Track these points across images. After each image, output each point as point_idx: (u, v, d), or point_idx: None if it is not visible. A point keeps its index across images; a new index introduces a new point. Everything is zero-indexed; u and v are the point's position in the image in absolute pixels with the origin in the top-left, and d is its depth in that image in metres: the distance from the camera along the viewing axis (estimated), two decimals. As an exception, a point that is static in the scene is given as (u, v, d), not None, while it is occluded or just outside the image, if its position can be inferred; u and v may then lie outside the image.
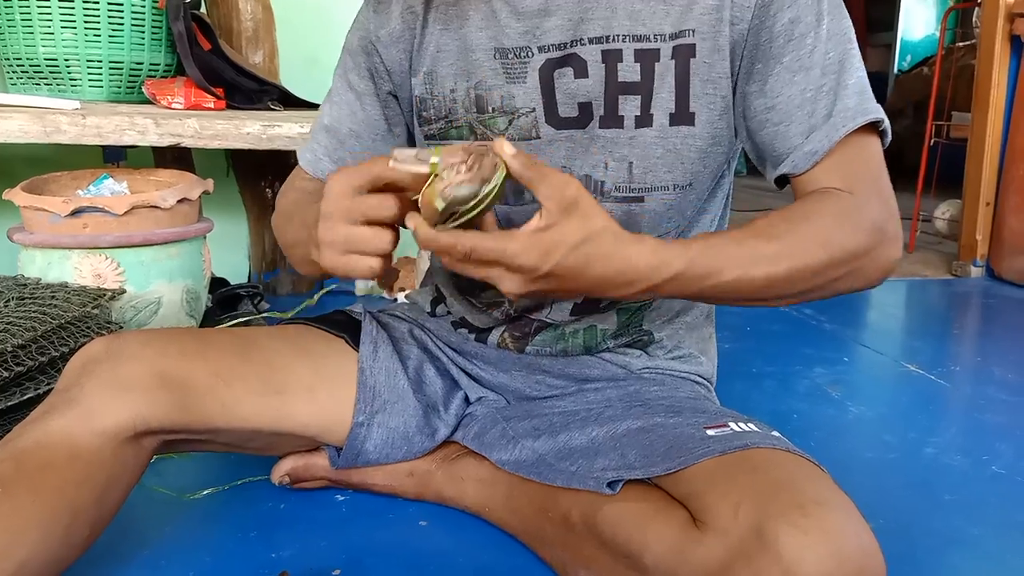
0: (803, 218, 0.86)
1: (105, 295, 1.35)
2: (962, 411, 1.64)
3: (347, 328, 1.11)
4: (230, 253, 2.21)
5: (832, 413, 1.54)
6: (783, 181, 0.94)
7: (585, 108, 0.94)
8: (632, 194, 0.96)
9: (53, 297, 1.32)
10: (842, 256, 0.85)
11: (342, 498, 1.14)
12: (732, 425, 0.92)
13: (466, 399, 1.14)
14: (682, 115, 0.92)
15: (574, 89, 0.94)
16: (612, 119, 0.93)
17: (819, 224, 0.85)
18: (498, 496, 1.07)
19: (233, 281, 2.04)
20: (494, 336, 1.09)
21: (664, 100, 0.92)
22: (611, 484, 0.90)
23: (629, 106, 0.93)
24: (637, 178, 0.95)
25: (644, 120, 0.93)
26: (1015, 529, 1.14)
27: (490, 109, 0.97)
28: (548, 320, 1.05)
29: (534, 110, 0.95)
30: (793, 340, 2.01)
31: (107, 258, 1.47)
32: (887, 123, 0.92)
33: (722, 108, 0.93)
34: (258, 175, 2.19)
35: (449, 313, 1.15)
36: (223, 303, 1.88)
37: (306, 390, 1.02)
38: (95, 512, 0.87)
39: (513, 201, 0.99)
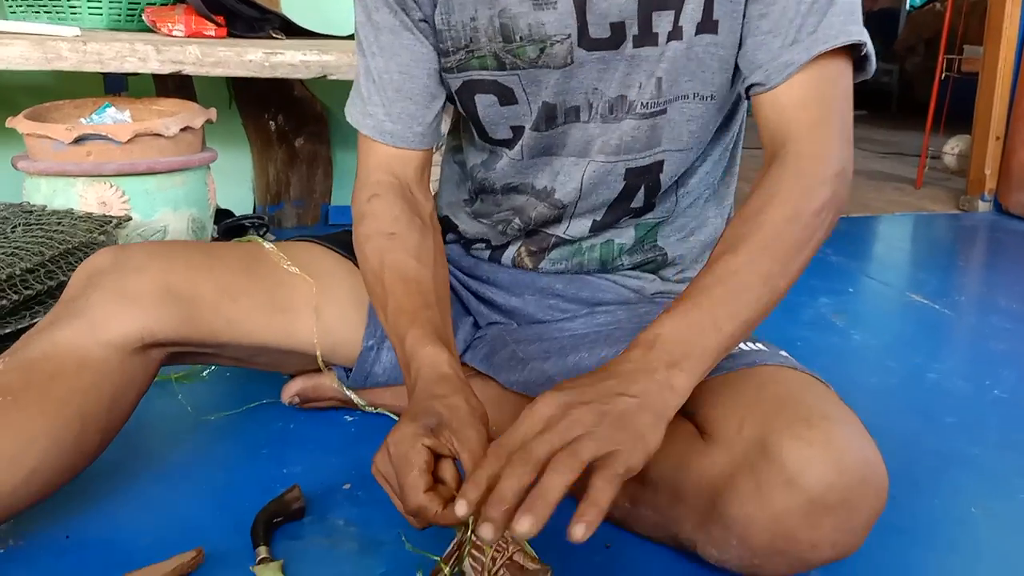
0: (757, 229, 0.81)
1: (111, 222, 1.35)
2: (966, 339, 1.65)
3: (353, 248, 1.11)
4: (234, 185, 2.20)
5: (836, 341, 1.55)
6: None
7: (618, 28, 0.91)
8: (657, 108, 0.95)
9: (59, 223, 1.33)
10: (812, 227, 0.82)
11: (351, 418, 1.16)
12: (741, 344, 0.92)
13: (475, 325, 1.15)
14: (707, 23, 0.90)
15: (606, 9, 0.90)
16: (646, 37, 0.91)
17: (777, 223, 0.80)
18: (506, 417, 1.08)
19: (238, 213, 2.04)
20: (509, 253, 1.09)
21: (692, 11, 0.89)
22: None
23: (663, 22, 0.90)
24: (664, 91, 0.94)
25: (675, 34, 0.90)
26: (1014, 449, 1.15)
27: (517, 38, 0.92)
28: (566, 236, 1.05)
29: (568, 36, 0.91)
30: (798, 272, 2.01)
31: (112, 186, 1.47)
32: (870, 48, 0.88)
33: (739, 17, 0.91)
34: (261, 107, 2.17)
35: (460, 239, 1.14)
36: (228, 234, 1.88)
37: (313, 309, 1.03)
38: (104, 421, 0.88)
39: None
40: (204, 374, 1.26)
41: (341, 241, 1.13)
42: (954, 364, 1.47)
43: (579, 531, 0.60)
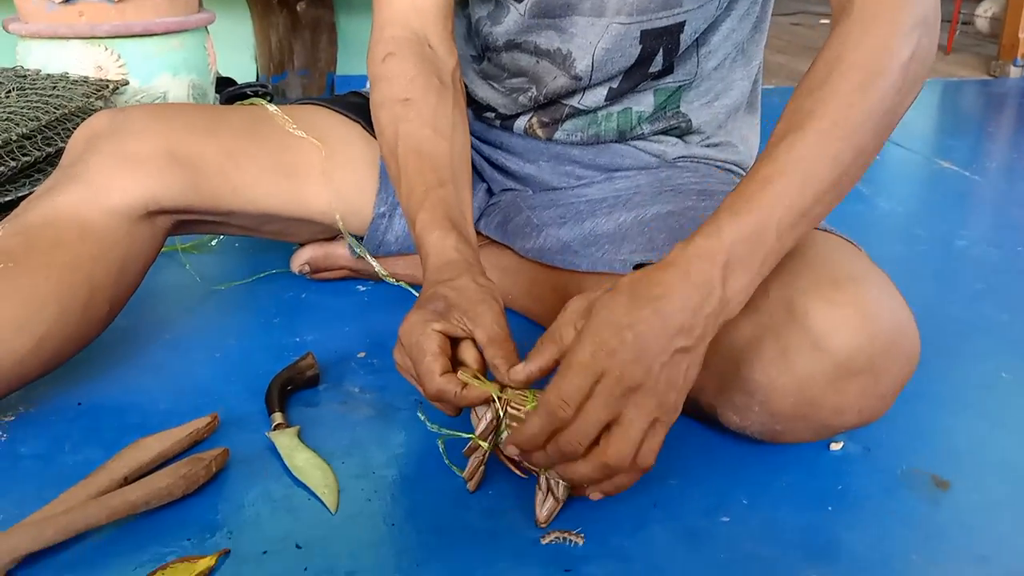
0: (829, 84, 0.69)
1: (108, 86, 1.30)
2: (996, 205, 1.60)
3: (364, 112, 1.06)
4: (235, 53, 2.12)
5: (861, 209, 1.50)
6: None
7: None
8: None
9: (54, 88, 1.27)
10: (892, 92, 0.69)
11: (363, 288, 1.13)
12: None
13: (489, 191, 1.10)
14: None
15: None
16: None
17: (847, 93, 0.68)
18: (521, 284, 1.05)
19: (240, 82, 1.97)
20: (520, 123, 1.03)
21: None
22: (637, 267, 0.88)
23: None
24: None
25: None
26: (1045, 315, 1.12)
27: None
28: (580, 106, 0.99)
29: None
30: (822, 139, 1.94)
31: (107, 49, 1.40)
32: None
33: None
34: (260, -33, 2.06)
35: (470, 102, 1.09)
36: (231, 102, 1.82)
37: (321, 174, 0.98)
38: (112, 290, 0.86)
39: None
40: (212, 243, 1.24)
41: (349, 103, 1.08)
42: (983, 231, 1.42)
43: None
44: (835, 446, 0.83)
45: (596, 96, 0.97)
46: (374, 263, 1.06)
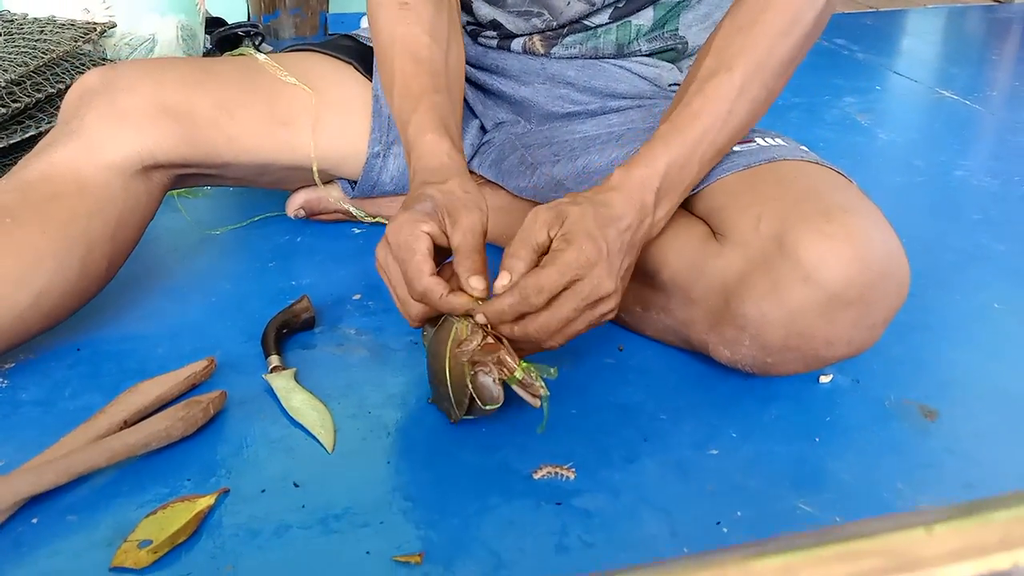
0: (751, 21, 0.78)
1: (95, 29, 1.28)
2: (996, 135, 1.58)
3: (356, 54, 1.05)
4: (226, -8, 2.08)
5: (860, 140, 1.49)
6: None
7: None
8: None
9: (42, 32, 1.25)
10: (806, 39, 0.79)
11: (358, 230, 1.13)
12: (759, 140, 0.87)
13: (482, 128, 1.09)
14: None
15: None
16: None
17: (773, 37, 0.78)
18: (516, 223, 1.03)
19: (230, 22, 1.94)
20: (521, 39, 1.02)
21: None
22: None
23: None
24: None
25: None
26: (1042, 245, 1.12)
27: None
28: (585, 23, 0.98)
29: None
30: (823, 71, 1.91)
31: (93, -9, 1.38)
32: None
33: None
34: (247, -98, 2.01)
35: (469, 24, 1.06)
36: (222, 44, 1.79)
37: (316, 120, 0.98)
38: (110, 246, 0.86)
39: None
40: (207, 187, 1.23)
41: (341, 47, 1.06)
42: (982, 161, 1.41)
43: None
44: (824, 379, 0.84)
45: (602, 16, 0.97)
46: (353, 209, 1.07)
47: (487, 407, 0.70)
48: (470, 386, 0.69)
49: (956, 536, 0.19)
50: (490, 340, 0.71)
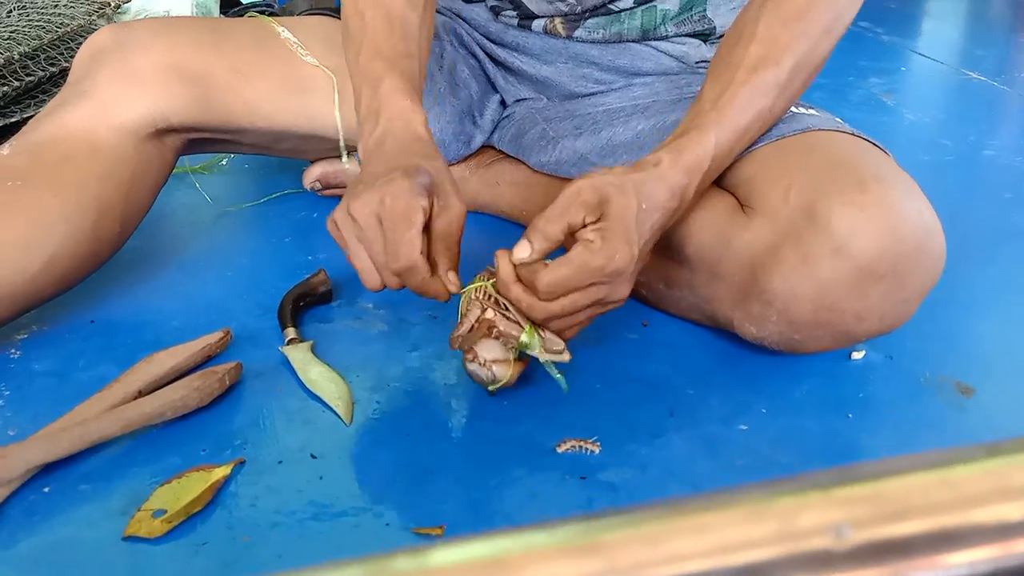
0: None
1: (109, 4, 1.27)
2: (1025, 115, 1.55)
3: (373, 20, 1.02)
4: (241, -28, 2.07)
5: (887, 120, 1.46)
6: None
7: None
8: None
9: (56, 6, 1.24)
10: (839, 35, 0.79)
11: (376, 206, 1.11)
12: (792, 109, 0.85)
13: (502, 103, 1.07)
14: None
15: None
16: None
17: (817, 34, 0.76)
18: (535, 198, 1.03)
19: (246, 0, 1.92)
20: (541, 20, 0.99)
21: None
22: None
23: None
24: None
25: None
26: (1076, 224, 1.09)
27: None
28: (610, 7, 0.95)
29: None
30: (847, 52, 1.87)
31: (108, -34, 1.37)
32: None
33: None
34: None
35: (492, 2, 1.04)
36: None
37: (332, 89, 0.96)
38: (122, 208, 0.84)
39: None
40: (223, 163, 1.22)
41: (359, 12, 1.04)
42: (1011, 140, 1.38)
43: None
44: (856, 355, 0.81)
45: (627, 1, 0.94)
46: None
47: (490, 388, 0.69)
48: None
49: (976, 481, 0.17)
50: (488, 315, 0.70)
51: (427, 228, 0.70)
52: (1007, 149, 1.33)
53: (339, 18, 1.02)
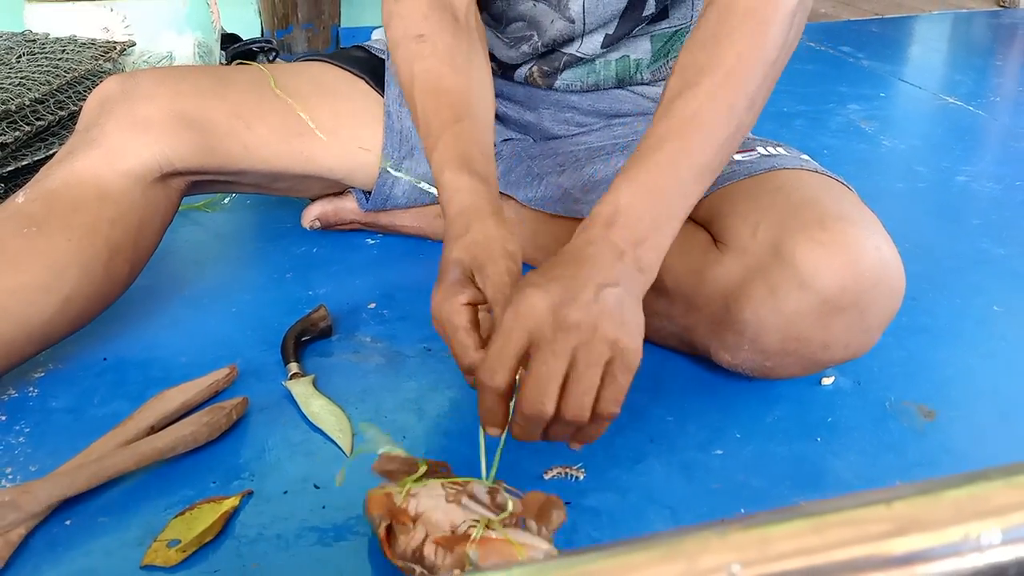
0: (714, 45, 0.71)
1: (115, 48, 1.32)
2: (998, 140, 1.60)
3: (367, 66, 1.08)
4: (239, 9, 2.13)
5: (864, 148, 1.51)
6: None
7: None
8: None
9: (63, 51, 1.29)
10: (781, 40, 0.72)
11: (373, 241, 1.17)
12: (760, 149, 0.90)
13: (490, 143, 1.12)
14: None
15: None
16: None
17: (741, 45, 0.70)
18: (524, 234, 1.08)
19: (245, 38, 1.98)
20: (522, 71, 1.05)
21: None
22: None
23: None
24: None
25: None
26: (1042, 249, 1.14)
27: None
28: (579, 54, 1.00)
29: None
30: (827, 79, 1.94)
31: (111, 10, 1.42)
32: None
33: None
34: (260, -80, 2.05)
35: None
36: (237, 59, 1.83)
37: (328, 132, 1.01)
38: (131, 251, 0.89)
39: None
40: (226, 201, 1.27)
41: (353, 58, 1.09)
42: (984, 166, 1.43)
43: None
44: (826, 381, 0.86)
45: (593, 43, 0.99)
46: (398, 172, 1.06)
47: None
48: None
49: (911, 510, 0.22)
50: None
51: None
52: (979, 176, 1.38)
53: (332, 64, 1.07)
